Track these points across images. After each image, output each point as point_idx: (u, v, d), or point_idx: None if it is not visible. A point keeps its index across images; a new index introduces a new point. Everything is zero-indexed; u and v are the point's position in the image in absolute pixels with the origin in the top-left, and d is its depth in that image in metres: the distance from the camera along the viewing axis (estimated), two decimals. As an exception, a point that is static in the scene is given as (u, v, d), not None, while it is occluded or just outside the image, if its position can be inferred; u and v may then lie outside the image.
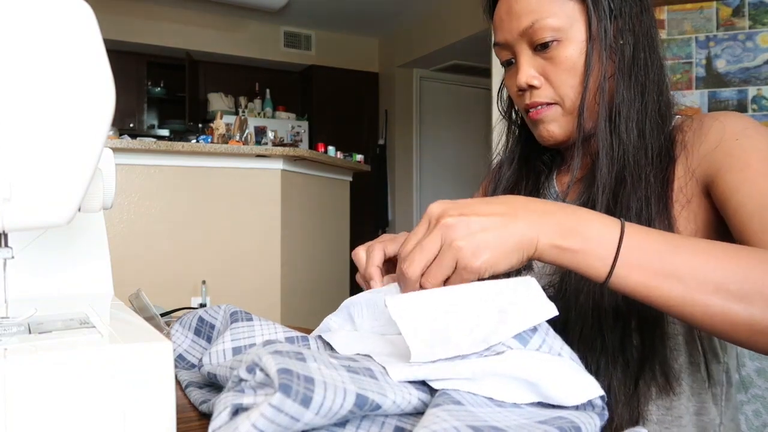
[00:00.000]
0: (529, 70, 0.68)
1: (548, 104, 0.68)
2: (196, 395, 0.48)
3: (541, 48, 0.66)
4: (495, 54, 0.73)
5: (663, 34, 2.39)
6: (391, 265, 0.61)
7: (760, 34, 2.26)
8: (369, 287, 0.59)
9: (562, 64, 0.66)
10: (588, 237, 0.47)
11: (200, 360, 0.51)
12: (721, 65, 2.31)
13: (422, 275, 0.48)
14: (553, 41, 0.65)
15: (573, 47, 0.65)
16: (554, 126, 0.69)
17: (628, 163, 0.64)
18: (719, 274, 0.45)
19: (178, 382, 0.53)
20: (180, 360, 0.58)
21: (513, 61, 0.71)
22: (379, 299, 0.55)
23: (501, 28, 0.70)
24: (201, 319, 0.60)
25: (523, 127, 0.80)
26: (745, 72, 2.27)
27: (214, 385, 0.50)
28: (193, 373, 0.55)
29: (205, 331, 0.59)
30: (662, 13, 2.39)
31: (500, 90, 0.82)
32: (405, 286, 0.49)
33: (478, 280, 0.46)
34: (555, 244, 0.47)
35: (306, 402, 0.33)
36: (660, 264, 0.46)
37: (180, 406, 0.46)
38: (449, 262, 0.46)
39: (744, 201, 0.56)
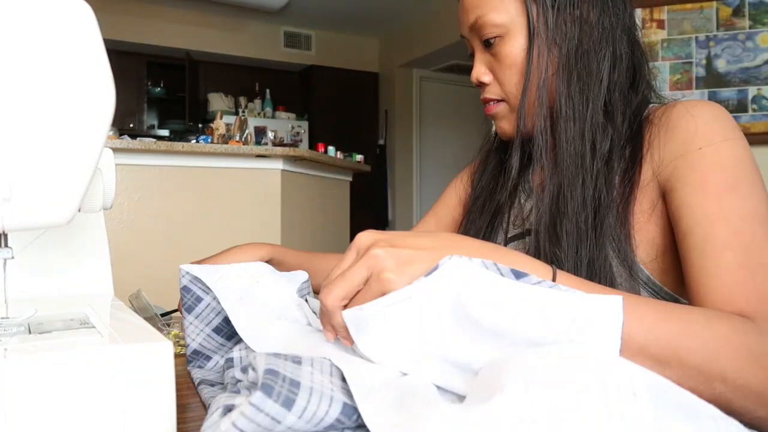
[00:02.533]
0: (479, 66, 0.69)
1: (497, 101, 0.69)
2: (207, 393, 0.48)
3: (486, 44, 0.66)
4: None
5: (663, 34, 2.39)
6: None
7: (760, 34, 2.26)
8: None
9: (504, 60, 0.65)
10: None
11: (228, 360, 0.49)
12: (721, 65, 2.31)
13: (344, 306, 0.44)
14: (496, 37, 0.65)
15: (514, 43, 0.64)
16: (504, 122, 0.70)
17: (567, 165, 0.62)
18: (641, 335, 0.41)
19: (192, 381, 0.53)
20: (195, 356, 0.56)
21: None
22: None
23: (460, 22, 0.71)
24: (226, 320, 0.56)
25: None
26: (745, 72, 2.27)
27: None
28: (207, 371, 0.55)
29: (226, 331, 0.57)
30: (662, 13, 2.39)
31: None
32: (322, 315, 0.46)
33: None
34: None
35: (288, 404, 0.33)
36: None
37: (180, 406, 0.46)
38: (376, 294, 0.43)
39: (693, 229, 0.54)
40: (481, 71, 0.69)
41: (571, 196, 0.61)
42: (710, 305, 0.50)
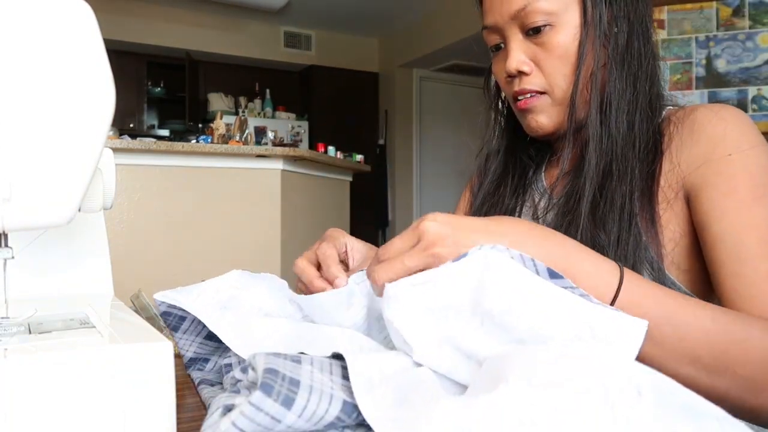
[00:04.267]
0: (519, 55, 0.65)
1: (537, 93, 0.66)
2: (207, 393, 0.48)
3: (532, 32, 0.64)
4: (484, 38, 0.71)
5: (663, 34, 2.39)
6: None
7: (759, 34, 2.26)
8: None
9: (554, 50, 0.63)
10: (578, 277, 0.43)
11: (228, 365, 0.50)
12: (721, 65, 2.31)
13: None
14: (545, 26, 0.63)
15: (566, 33, 0.63)
16: (543, 116, 0.67)
17: (616, 155, 0.62)
18: (699, 346, 0.43)
19: (192, 381, 0.53)
20: (192, 362, 0.56)
21: (502, 45, 0.69)
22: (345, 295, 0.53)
23: (491, 9, 0.67)
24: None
25: (510, 117, 0.77)
26: (745, 72, 2.27)
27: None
28: (207, 372, 0.55)
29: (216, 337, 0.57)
30: (662, 13, 2.39)
31: (487, 78, 0.78)
32: (373, 289, 0.46)
33: None
34: None
35: (288, 403, 0.33)
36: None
37: (180, 406, 0.46)
38: (423, 265, 0.44)
39: (723, 236, 0.54)
40: (521, 60, 0.65)
41: (620, 184, 0.61)
42: (744, 313, 0.51)
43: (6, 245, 0.41)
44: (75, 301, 0.51)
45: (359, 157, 4.02)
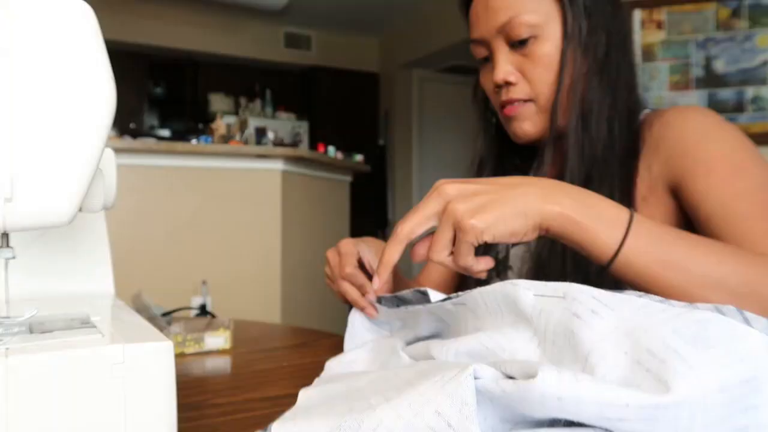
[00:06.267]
0: (506, 66, 0.68)
1: (523, 101, 0.69)
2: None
3: (518, 44, 0.67)
4: (471, 50, 0.73)
5: (662, 35, 2.39)
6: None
7: (758, 35, 2.26)
8: (344, 291, 0.67)
9: (539, 60, 0.66)
10: (598, 214, 0.46)
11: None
12: (719, 66, 2.31)
13: (419, 245, 0.51)
14: (530, 37, 0.66)
15: (550, 44, 0.66)
16: (528, 124, 0.70)
17: (597, 159, 0.65)
18: (721, 270, 0.45)
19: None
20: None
21: (489, 58, 0.71)
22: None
23: (477, 24, 0.70)
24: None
25: (498, 127, 0.80)
26: (744, 73, 2.28)
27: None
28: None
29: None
30: (661, 14, 2.39)
31: (475, 90, 0.82)
32: (392, 243, 0.51)
33: (481, 245, 0.46)
34: (565, 213, 0.46)
35: None
36: (666, 253, 0.45)
37: (180, 406, 0.46)
38: (447, 226, 0.47)
39: (713, 211, 0.57)
40: (508, 70, 0.68)
41: (600, 187, 0.63)
42: None
43: (7, 245, 0.41)
44: (76, 300, 0.52)
45: (359, 158, 4.02)
